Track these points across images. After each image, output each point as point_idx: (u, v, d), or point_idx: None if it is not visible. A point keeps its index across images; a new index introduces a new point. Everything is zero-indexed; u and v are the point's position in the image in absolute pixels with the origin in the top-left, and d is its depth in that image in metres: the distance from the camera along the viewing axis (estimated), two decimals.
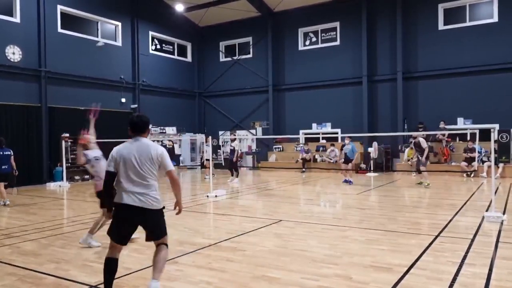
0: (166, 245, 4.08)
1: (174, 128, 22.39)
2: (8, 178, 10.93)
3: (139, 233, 4.40)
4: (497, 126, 15.94)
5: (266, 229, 7.19)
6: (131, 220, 3.94)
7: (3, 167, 10.51)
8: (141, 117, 4.17)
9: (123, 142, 4.12)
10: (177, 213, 4.23)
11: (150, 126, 5.14)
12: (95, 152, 6.24)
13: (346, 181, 14.27)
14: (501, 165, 14.79)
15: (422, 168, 12.96)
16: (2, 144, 10.72)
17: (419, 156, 13.13)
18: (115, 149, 4.07)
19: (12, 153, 10.84)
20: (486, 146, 15.50)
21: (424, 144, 12.79)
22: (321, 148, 20.12)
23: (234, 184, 14.84)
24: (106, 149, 17.37)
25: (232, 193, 12.53)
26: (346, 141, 14.57)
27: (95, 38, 18.70)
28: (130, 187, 3.92)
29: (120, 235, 3.96)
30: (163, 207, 4.09)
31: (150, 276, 4.00)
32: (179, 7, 21.02)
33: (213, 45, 24.19)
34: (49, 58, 16.30)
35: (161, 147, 4.14)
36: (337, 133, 20.14)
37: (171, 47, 23.11)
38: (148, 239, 4.05)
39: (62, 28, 17.20)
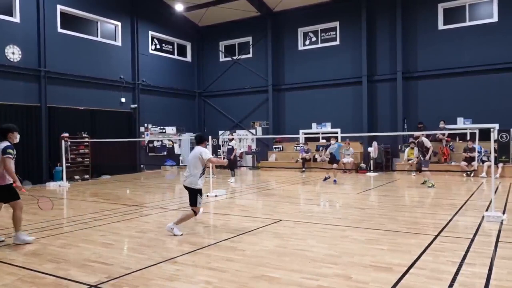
0: (195, 212, 6.95)
1: (174, 128, 22.40)
2: None
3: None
4: (496, 126, 15.97)
5: (266, 229, 7.19)
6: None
7: None
8: (197, 136, 7.31)
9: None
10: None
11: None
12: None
13: (326, 179, 14.52)
14: (500, 165, 14.79)
15: (424, 168, 12.85)
16: None
17: (421, 156, 12.97)
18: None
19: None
20: (486, 145, 15.50)
21: (428, 143, 12.62)
22: (321, 148, 20.12)
23: (231, 183, 14.87)
24: (106, 148, 17.18)
25: (232, 192, 12.53)
26: (332, 141, 14.68)
27: (96, 38, 18.71)
28: (184, 173, 7.14)
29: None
30: (199, 189, 6.91)
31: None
32: (179, 7, 21.00)
33: (213, 45, 24.19)
34: (49, 58, 16.30)
35: (204, 150, 7.02)
36: (337, 133, 20.15)
37: (171, 47, 23.11)
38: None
39: (61, 28, 17.19)
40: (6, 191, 6.29)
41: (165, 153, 21.85)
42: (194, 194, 6.90)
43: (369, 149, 17.71)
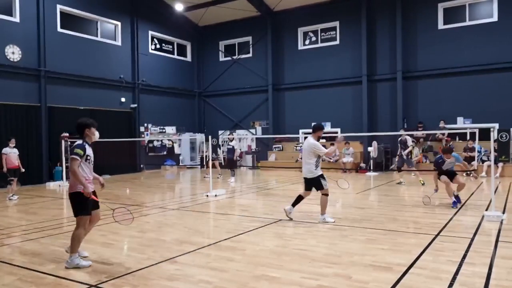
0: (326, 194, 7.64)
1: (174, 128, 22.40)
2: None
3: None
4: (496, 125, 15.97)
5: (266, 229, 7.20)
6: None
7: None
8: (314, 125, 7.98)
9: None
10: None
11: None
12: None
13: (457, 201, 9.18)
14: (500, 164, 14.80)
15: (410, 167, 13.56)
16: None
17: (402, 153, 13.45)
18: None
19: (5, 153, 11.63)
20: (485, 145, 15.51)
21: (409, 142, 13.43)
22: None
23: (231, 183, 14.88)
24: (105, 148, 17.14)
25: (232, 192, 12.53)
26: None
27: (95, 38, 18.71)
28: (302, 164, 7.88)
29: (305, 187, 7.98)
30: (315, 176, 7.55)
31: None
32: (179, 7, 21.00)
33: (212, 44, 24.19)
34: (49, 57, 16.30)
35: (316, 144, 7.63)
36: (336, 133, 20.12)
37: (171, 47, 23.10)
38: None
39: (61, 27, 17.20)
40: (73, 201, 5.18)
41: (165, 153, 21.85)
42: (317, 181, 7.54)
43: (369, 148, 17.71)
